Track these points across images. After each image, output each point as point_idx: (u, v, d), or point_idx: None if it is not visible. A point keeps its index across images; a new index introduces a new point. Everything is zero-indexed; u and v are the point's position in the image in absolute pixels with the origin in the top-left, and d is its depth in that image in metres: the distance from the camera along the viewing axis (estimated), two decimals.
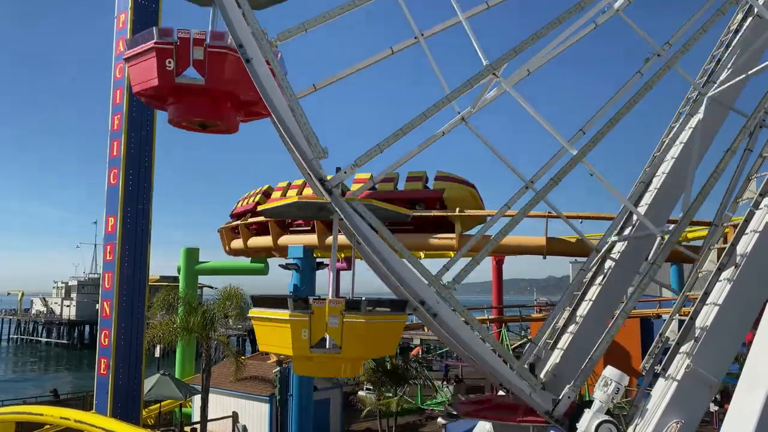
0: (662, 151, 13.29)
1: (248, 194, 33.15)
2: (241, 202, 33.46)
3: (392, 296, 11.33)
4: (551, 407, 10.64)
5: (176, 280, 42.68)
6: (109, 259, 19.55)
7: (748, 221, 11.04)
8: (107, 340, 19.08)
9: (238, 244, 32.40)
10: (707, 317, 10.45)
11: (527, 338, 41.46)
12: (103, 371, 19.05)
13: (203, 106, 11.82)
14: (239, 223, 31.69)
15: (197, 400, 26.27)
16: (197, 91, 11.23)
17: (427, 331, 51.46)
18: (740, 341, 10.74)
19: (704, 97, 12.25)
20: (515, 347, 42.78)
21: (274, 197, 30.62)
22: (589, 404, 10.52)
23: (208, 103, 11.71)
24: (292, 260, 25.88)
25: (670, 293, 34.30)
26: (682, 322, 10.78)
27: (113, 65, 20.12)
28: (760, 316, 10.35)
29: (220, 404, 27.43)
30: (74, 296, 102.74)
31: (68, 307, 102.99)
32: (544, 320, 16.40)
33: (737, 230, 11.08)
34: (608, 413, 10.41)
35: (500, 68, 11.01)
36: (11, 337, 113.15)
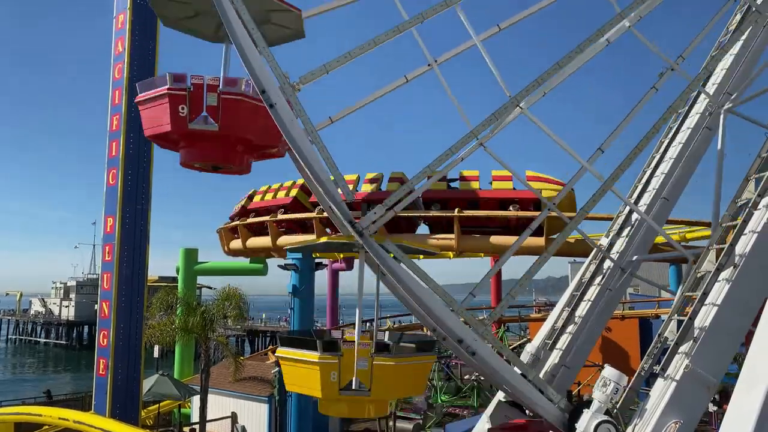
0: (661, 151, 13.32)
1: (272, 187, 30.29)
2: (262, 195, 30.32)
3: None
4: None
5: (175, 280, 42.67)
6: (107, 259, 19.53)
7: (746, 222, 11.06)
8: (106, 340, 19.07)
9: (237, 244, 32.37)
10: (706, 317, 10.46)
11: (527, 338, 41.43)
12: (101, 372, 19.03)
13: (216, 151, 11.72)
14: (237, 223, 31.49)
15: (196, 400, 26.28)
16: (211, 136, 11.12)
17: (425, 331, 51.44)
18: (739, 341, 10.75)
19: (721, 110, 12.17)
20: (514, 347, 42.78)
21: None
22: (588, 404, 10.53)
23: (221, 148, 11.60)
24: (290, 261, 25.89)
25: (669, 293, 34.27)
26: (680, 322, 10.79)
27: (112, 65, 20.11)
28: (758, 316, 10.37)
29: (219, 405, 27.41)
30: (73, 297, 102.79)
31: (67, 307, 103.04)
32: (543, 320, 16.39)
33: (736, 230, 11.10)
34: (607, 413, 10.42)
35: (524, 99, 10.87)
36: (10, 337, 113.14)
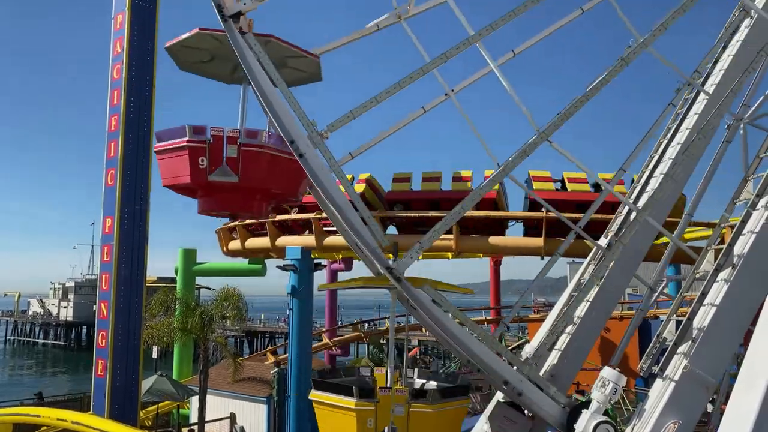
0: (660, 152, 13.32)
1: None
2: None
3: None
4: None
5: (174, 281, 42.64)
6: (106, 260, 19.50)
7: (745, 222, 11.07)
8: (104, 341, 19.04)
9: (235, 245, 32.34)
10: (705, 318, 10.47)
11: (525, 339, 41.47)
12: (100, 372, 18.99)
13: (236, 201, 11.73)
14: (237, 224, 31.39)
15: (195, 401, 26.27)
16: (230, 188, 11.12)
17: (425, 332, 51.45)
18: (738, 342, 10.76)
19: (740, 122, 12.14)
20: (513, 348, 42.80)
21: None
22: (586, 405, 10.53)
23: (240, 198, 11.61)
24: (289, 261, 25.87)
25: (668, 293, 34.33)
26: (679, 322, 10.81)
27: (110, 66, 20.10)
28: (757, 316, 10.38)
29: (217, 405, 27.40)
30: (71, 297, 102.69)
31: (65, 308, 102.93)
32: (542, 321, 16.39)
33: (734, 231, 11.11)
34: (606, 413, 10.42)
35: (552, 133, 10.75)
36: (8, 338, 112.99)
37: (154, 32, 19.95)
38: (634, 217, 12.52)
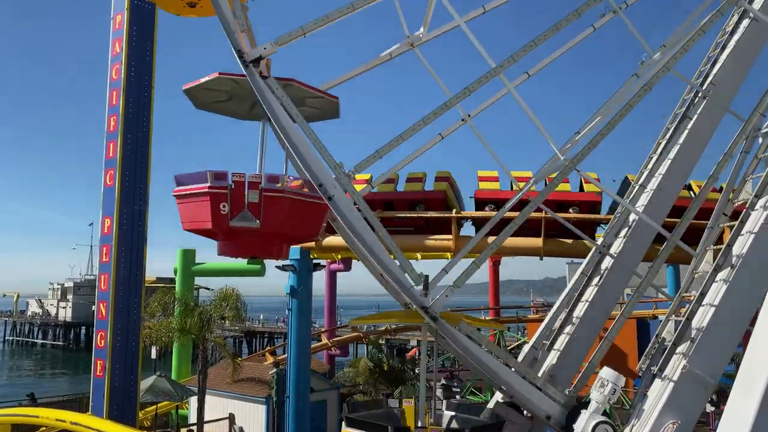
0: (659, 152, 13.32)
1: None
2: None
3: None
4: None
5: (173, 281, 42.57)
6: (105, 260, 19.48)
7: (743, 222, 11.08)
8: (103, 341, 19.01)
9: None
10: (703, 318, 10.48)
11: (524, 339, 41.47)
12: (99, 373, 18.96)
13: (257, 245, 11.65)
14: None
15: (194, 401, 26.23)
16: (252, 233, 11.03)
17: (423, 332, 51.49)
18: (736, 342, 10.77)
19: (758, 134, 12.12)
20: (512, 348, 42.76)
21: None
22: (585, 405, 10.54)
23: (261, 242, 11.53)
24: (288, 261, 25.82)
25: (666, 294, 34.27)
26: (678, 323, 10.81)
27: (109, 66, 20.07)
28: (756, 316, 10.38)
29: (216, 406, 27.37)
30: (70, 298, 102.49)
31: (64, 308, 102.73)
32: (540, 321, 16.38)
33: (733, 231, 11.12)
34: (605, 414, 10.43)
35: (576, 157, 11.09)
36: (7, 338, 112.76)
37: (153, 32, 19.92)
38: (634, 219, 12.57)
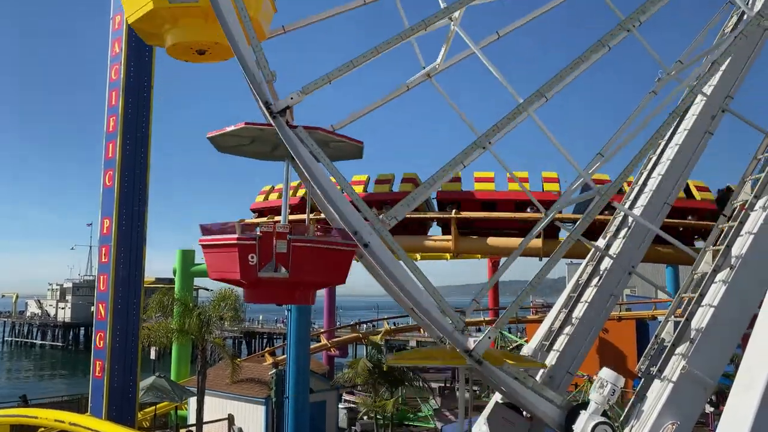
0: (658, 153, 13.34)
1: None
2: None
3: None
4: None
5: (172, 282, 42.57)
6: (104, 261, 19.48)
7: (742, 223, 11.09)
8: (102, 342, 19.00)
9: None
10: (702, 319, 10.49)
11: (524, 341, 41.42)
12: (98, 374, 18.95)
13: (284, 294, 11.69)
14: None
15: (193, 402, 26.23)
16: (280, 282, 11.06)
17: (422, 332, 51.46)
18: (736, 342, 10.78)
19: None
20: (511, 349, 42.71)
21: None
22: (585, 406, 10.54)
23: (289, 291, 11.59)
24: None
25: (665, 295, 34.32)
26: (677, 323, 10.81)
27: (108, 66, 20.07)
28: (755, 318, 10.39)
29: (215, 406, 27.35)
30: (69, 298, 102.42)
31: (63, 309, 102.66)
32: (540, 322, 16.38)
33: (732, 232, 11.13)
34: (604, 414, 10.43)
35: (609, 190, 11.19)
36: (5, 339, 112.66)
37: None
38: (631, 220, 12.57)
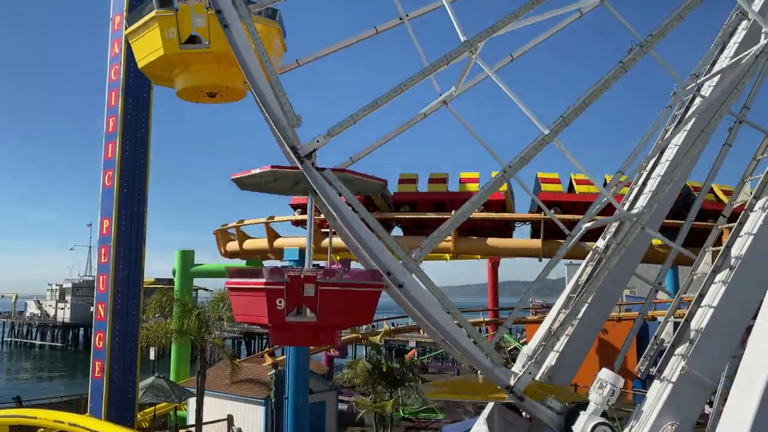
0: (657, 154, 13.32)
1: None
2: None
3: None
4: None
5: (171, 282, 42.59)
6: (103, 261, 19.48)
7: (742, 223, 11.08)
8: (102, 342, 19.00)
9: (233, 246, 32.31)
10: (702, 319, 10.48)
11: (523, 341, 41.45)
12: (97, 374, 18.95)
13: (311, 337, 11.66)
14: (234, 224, 31.34)
15: (192, 402, 26.22)
16: (308, 325, 11.03)
17: (422, 333, 51.45)
18: (735, 343, 10.77)
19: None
20: (511, 350, 42.75)
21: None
22: (584, 406, 10.53)
23: (316, 334, 11.53)
24: (287, 262, 25.81)
25: (665, 295, 34.34)
26: (677, 324, 10.81)
27: (108, 67, 20.08)
28: (754, 318, 10.39)
29: (215, 407, 27.33)
30: (69, 299, 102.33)
31: (62, 309, 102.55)
32: (539, 323, 16.36)
33: (732, 232, 11.12)
34: (603, 415, 10.42)
35: (643, 215, 11.09)
36: (5, 339, 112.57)
37: None
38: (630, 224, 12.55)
